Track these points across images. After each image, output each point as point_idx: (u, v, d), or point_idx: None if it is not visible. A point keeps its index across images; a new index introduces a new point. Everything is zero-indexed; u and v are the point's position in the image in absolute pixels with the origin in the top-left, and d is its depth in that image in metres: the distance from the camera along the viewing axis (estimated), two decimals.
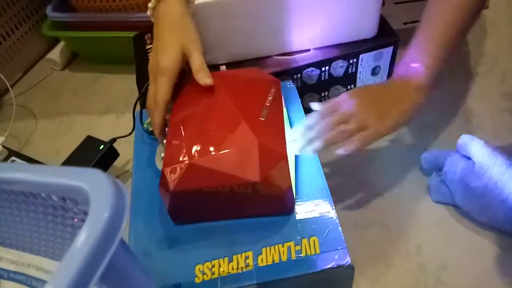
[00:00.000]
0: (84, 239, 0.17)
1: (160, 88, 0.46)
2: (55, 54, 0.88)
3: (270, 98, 0.47)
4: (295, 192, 0.45)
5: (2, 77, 0.76)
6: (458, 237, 0.51)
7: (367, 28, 0.62)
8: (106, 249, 0.18)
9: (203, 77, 0.46)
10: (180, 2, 0.48)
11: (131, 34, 0.74)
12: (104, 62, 0.87)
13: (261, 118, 0.44)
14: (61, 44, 0.89)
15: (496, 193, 0.48)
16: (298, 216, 0.44)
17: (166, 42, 0.47)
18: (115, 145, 0.63)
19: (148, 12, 0.50)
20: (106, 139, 0.63)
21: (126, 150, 0.63)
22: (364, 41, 0.62)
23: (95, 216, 0.18)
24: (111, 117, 0.77)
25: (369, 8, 0.59)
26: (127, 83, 0.81)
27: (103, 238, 0.17)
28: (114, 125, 0.75)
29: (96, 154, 0.59)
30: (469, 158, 0.51)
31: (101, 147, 0.61)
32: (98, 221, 0.18)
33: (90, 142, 0.63)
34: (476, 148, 0.50)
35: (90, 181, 0.19)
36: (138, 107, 0.59)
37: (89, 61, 0.89)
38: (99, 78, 0.85)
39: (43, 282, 0.27)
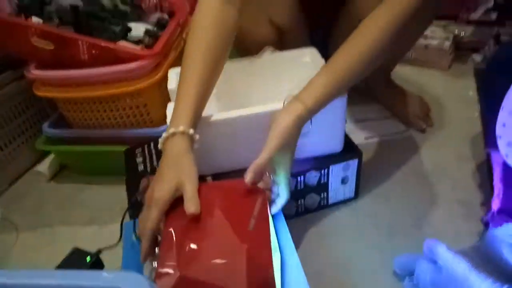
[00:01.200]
0: None
1: (150, 216, 0.51)
2: (44, 166, 0.92)
3: (256, 209, 0.52)
4: None
5: None
6: None
7: (335, 143, 0.71)
8: None
9: (190, 207, 0.50)
10: (184, 140, 0.55)
11: (122, 148, 0.81)
12: (91, 174, 0.91)
13: (249, 229, 0.49)
14: (51, 157, 0.94)
15: None
16: None
17: (163, 176, 0.53)
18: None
19: (159, 146, 0.57)
20: (90, 250, 0.64)
21: (111, 260, 0.64)
22: (333, 155, 0.72)
23: None
24: (94, 228, 0.78)
25: (336, 127, 0.69)
26: (112, 194, 0.85)
27: None
28: (98, 236, 0.76)
29: (84, 266, 0.60)
30: (436, 262, 0.57)
31: (88, 259, 0.62)
32: None
33: (76, 253, 0.64)
34: (441, 252, 0.56)
35: (133, 283, 0.23)
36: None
37: (77, 173, 0.93)
38: (84, 189, 0.89)
39: None
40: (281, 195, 0.57)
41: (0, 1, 0.80)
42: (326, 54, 0.69)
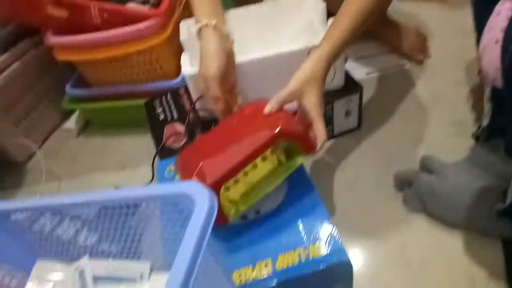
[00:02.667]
0: (195, 221, 0.29)
1: (211, 89, 0.62)
2: (71, 123, 1.00)
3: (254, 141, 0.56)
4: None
5: (32, 144, 0.87)
6: (433, 237, 0.64)
7: (336, 80, 0.78)
8: (207, 228, 0.29)
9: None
10: (216, 34, 0.63)
11: (141, 101, 0.88)
12: (114, 127, 0.99)
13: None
14: (76, 114, 1.02)
15: (455, 196, 0.61)
16: (303, 229, 0.56)
17: (207, 60, 0.62)
18: None
19: (195, 30, 0.65)
20: None
21: None
22: (336, 91, 0.78)
23: (200, 206, 0.30)
24: (127, 172, 0.88)
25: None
26: (136, 143, 0.93)
27: (207, 219, 0.29)
28: (132, 178, 0.85)
29: None
30: (430, 173, 0.65)
31: None
32: (203, 208, 0.29)
33: None
34: (435, 163, 0.64)
35: (193, 188, 0.31)
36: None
37: (102, 127, 1.01)
38: (111, 141, 0.97)
39: (131, 279, 0.37)
40: (319, 136, 0.59)
41: None
42: None
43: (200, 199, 0.30)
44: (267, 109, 0.59)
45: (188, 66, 0.73)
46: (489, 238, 0.61)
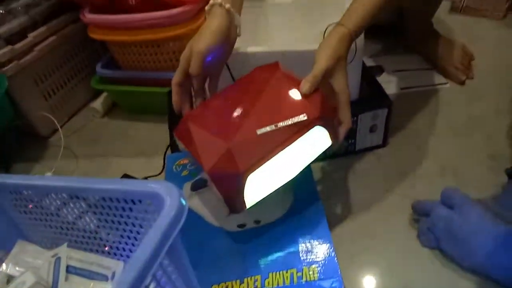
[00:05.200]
0: (161, 221, 0.27)
1: (192, 65, 0.55)
2: (98, 103, 1.02)
3: (287, 122, 0.50)
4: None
5: (54, 120, 0.89)
6: (443, 279, 0.58)
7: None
8: (174, 228, 0.27)
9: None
10: (228, 14, 0.58)
11: (165, 89, 0.87)
12: (138, 113, 1.00)
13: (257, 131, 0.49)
14: (104, 95, 1.03)
15: (475, 239, 0.55)
16: (300, 247, 0.52)
17: (202, 35, 0.56)
18: None
19: (206, 8, 0.60)
20: (139, 178, 0.74)
21: None
22: (362, 103, 0.73)
23: (171, 205, 0.28)
24: (141, 159, 0.88)
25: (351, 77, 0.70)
26: (157, 130, 0.93)
27: (173, 220, 0.27)
28: (144, 167, 0.85)
29: None
30: (451, 208, 0.59)
31: None
32: (172, 207, 0.28)
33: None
34: (458, 196, 0.58)
35: (165, 188, 0.29)
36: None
37: (126, 111, 1.02)
38: (133, 126, 0.98)
39: (103, 275, 0.36)
40: (345, 123, 0.56)
41: None
42: None
43: (170, 200, 0.28)
44: (306, 89, 0.52)
45: None
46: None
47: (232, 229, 0.56)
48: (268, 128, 0.49)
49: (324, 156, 0.78)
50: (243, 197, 0.48)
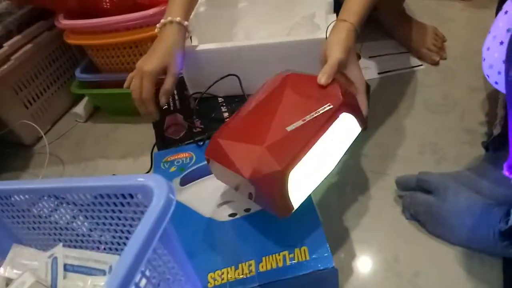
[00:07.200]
0: (150, 213, 0.28)
1: (145, 88, 0.64)
2: (80, 108, 1.01)
3: (314, 115, 0.50)
4: None
5: (38, 128, 0.89)
6: (431, 249, 0.61)
7: None
8: (163, 219, 0.28)
9: (161, 98, 0.67)
10: (179, 29, 0.65)
11: None
12: (121, 114, 1.00)
13: (287, 128, 0.49)
14: (85, 99, 1.03)
15: (456, 219, 0.58)
16: (290, 230, 0.54)
17: (155, 53, 0.64)
18: None
19: (156, 30, 0.67)
20: None
21: None
22: None
23: (159, 196, 0.29)
24: (128, 160, 0.88)
25: None
26: (141, 131, 0.93)
27: (163, 211, 0.29)
28: (132, 167, 0.86)
29: None
30: (428, 192, 0.62)
31: None
32: (160, 200, 0.29)
33: None
34: (432, 181, 0.61)
35: (154, 180, 0.30)
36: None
37: (109, 114, 1.02)
38: (117, 128, 0.98)
39: (101, 270, 0.37)
40: (363, 110, 0.57)
41: None
42: None
43: (159, 192, 0.29)
44: (324, 80, 0.53)
45: None
46: (489, 255, 0.58)
47: (223, 219, 0.57)
48: (296, 124, 0.49)
49: None
50: (289, 197, 0.49)
